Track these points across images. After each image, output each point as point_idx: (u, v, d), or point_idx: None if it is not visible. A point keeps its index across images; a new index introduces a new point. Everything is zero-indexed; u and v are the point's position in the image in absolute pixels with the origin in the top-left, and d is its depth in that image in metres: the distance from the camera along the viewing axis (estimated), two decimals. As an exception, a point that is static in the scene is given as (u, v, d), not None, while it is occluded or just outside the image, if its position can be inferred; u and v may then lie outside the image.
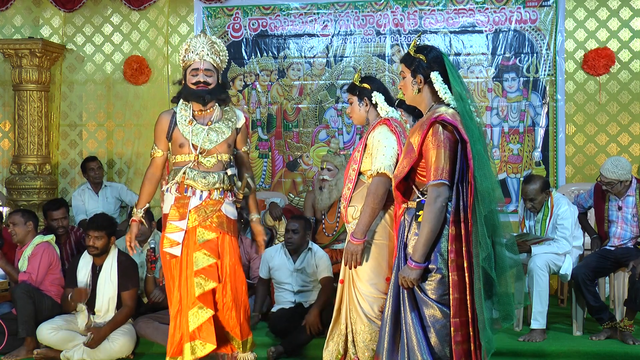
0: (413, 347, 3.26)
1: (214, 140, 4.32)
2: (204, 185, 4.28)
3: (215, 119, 4.37)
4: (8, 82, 7.65)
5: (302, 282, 5.45)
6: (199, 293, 4.16)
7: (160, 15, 7.60)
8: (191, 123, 4.33)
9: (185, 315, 4.18)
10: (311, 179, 7.38)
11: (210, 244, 4.25)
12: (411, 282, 3.28)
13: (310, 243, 5.53)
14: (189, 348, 4.17)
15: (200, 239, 4.25)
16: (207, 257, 4.22)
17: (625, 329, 5.16)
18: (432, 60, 3.40)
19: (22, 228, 5.58)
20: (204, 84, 4.30)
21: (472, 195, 3.25)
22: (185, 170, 4.29)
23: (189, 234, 4.26)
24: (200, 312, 4.17)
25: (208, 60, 4.32)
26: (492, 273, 3.21)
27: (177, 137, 4.35)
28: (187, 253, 4.25)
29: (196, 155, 4.29)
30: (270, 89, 7.49)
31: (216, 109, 4.39)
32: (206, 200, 4.29)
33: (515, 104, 7.14)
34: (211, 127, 4.33)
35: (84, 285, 5.23)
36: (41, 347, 5.23)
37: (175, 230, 4.27)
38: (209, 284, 4.19)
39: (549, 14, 7.06)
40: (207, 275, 4.20)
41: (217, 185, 4.29)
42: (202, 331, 4.18)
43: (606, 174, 5.43)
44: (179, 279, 4.24)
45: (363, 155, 3.92)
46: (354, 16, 7.35)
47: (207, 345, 4.17)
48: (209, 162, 4.31)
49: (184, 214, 4.27)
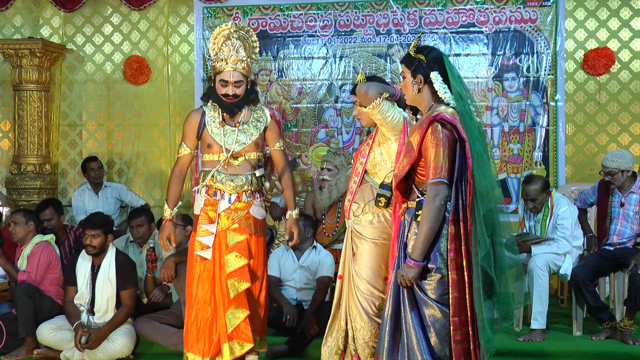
0: (413, 347, 3.27)
1: (242, 142, 4.34)
2: (232, 188, 4.30)
3: (243, 120, 4.37)
4: (8, 82, 7.64)
5: (306, 280, 5.49)
6: (234, 294, 4.20)
7: (160, 15, 7.60)
8: (222, 125, 4.33)
9: (222, 317, 4.22)
10: (310, 179, 7.38)
11: (240, 246, 4.28)
12: (409, 281, 3.28)
13: (314, 242, 5.58)
14: (227, 348, 4.21)
15: (230, 241, 4.27)
16: (239, 259, 4.25)
17: (625, 329, 5.16)
18: (431, 60, 3.41)
19: (23, 227, 5.58)
20: (232, 97, 4.29)
21: (471, 194, 3.25)
22: (213, 173, 4.31)
23: (220, 237, 4.29)
24: (237, 313, 4.21)
25: (238, 71, 4.28)
26: (491, 272, 3.21)
27: (205, 137, 4.36)
28: (218, 256, 4.27)
29: (227, 158, 4.30)
30: (270, 89, 7.49)
31: (245, 110, 4.39)
32: (235, 203, 4.31)
33: (516, 104, 7.13)
34: (240, 129, 4.34)
35: (84, 285, 5.23)
36: (41, 347, 5.23)
37: (206, 233, 4.29)
38: (243, 285, 4.23)
39: (549, 14, 7.06)
40: (240, 277, 4.23)
41: (246, 188, 4.32)
42: (239, 331, 4.22)
43: (607, 163, 5.44)
44: (212, 281, 4.27)
45: (371, 149, 3.94)
46: (353, 16, 7.35)
47: (245, 345, 4.23)
48: (237, 162, 4.34)
49: (214, 217, 4.29)
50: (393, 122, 3.79)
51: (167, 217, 4.40)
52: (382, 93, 3.75)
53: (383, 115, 3.77)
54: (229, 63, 4.27)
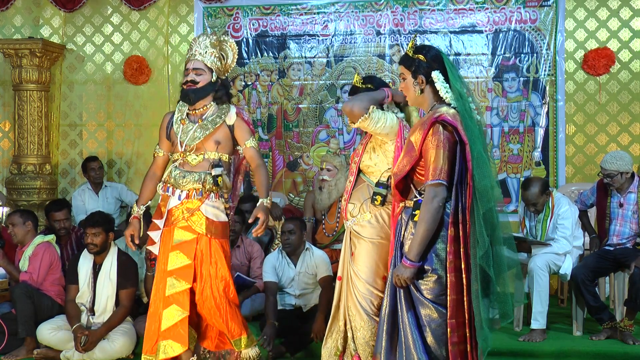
0: (409, 346, 3.27)
1: (198, 136, 4.28)
2: (182, 185, 4.27)
3: (207, 117, 4.34)
4: (8, 82, 7.65)
5: (304, 285, 5.43)
6: (170, 293, 4.16)
7: (160, 15, 7.60)
8: (184, 122, 4.33)
9: (160, 315, 4.18)
10: (311, 179, 7.38)
11: (185, 245, 4.23)
12: (405, 281, 3.28)
13: (306, 243, 5.50)
14: (162, 347, 4.18)
15: (176, 239, 4.24)
16: (182, 258, 4.21)
17: (625, 329, 5.16)
18: (431, 59, 3.41)
19: (21, 228, 5.57)
20: (191, 82, 4.29)
21: (470, 196, 3.25)
22: (170, 169, 4.31)
23: (166, 234, 4.27)
24: (174, 313, 4.17)
25: (198, 59, 4.30)
26: (489, 271, 3.21)
27: (172, 136, 4.37)
28: (163, 253, 4.26)
29: (181, 153, 4.28)
30: (271, 89, 7.49)
31: (211, 108, 4.35)
32: (184, 201, 4.27)
33: (515, 104, 7.14)
34: (199, 125, 4.31)
35: (85, 284, 5.23)
36: (41, 347, 5.23)
37: (155, 228, 4.32)
38: (182, 285, 4.19)
39: (549, 14, 7.06)
40: (180, 276, 4.19)
41: (196, 186, 4.26)
42: (173, 332, 4.17)
43: (606, 165, 5.43)
44: (159, 277, 4.25)
45: (365, 149, 3.93)
46: (354, 16, 7.36)
47: (176, 346, 4.17)
48: (194, 160, 4.29)
49: (163, 213, 4.30)
50: (386, 129, 3.75)
51: (134, 215, 4.41)
52: (368, 106, 3.68)
53: (374, 126, 3.72)
54: (194, 54, 4.33)
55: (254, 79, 7.51)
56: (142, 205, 4.44)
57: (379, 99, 3.78)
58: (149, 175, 4.48)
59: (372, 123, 3.70)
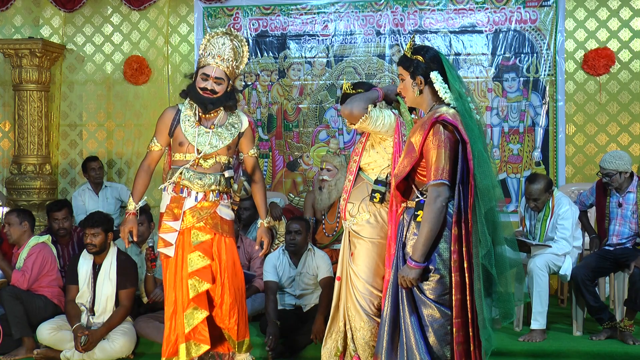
0: (411, 347, 3.27)
1: (214, 145, 4.28)
2: (199, 186, 4.26)
3: (218, 123, 4.33)
4: (8, 82, 7.65)
5: (304, 286, 5.43)
6: (193, 295, 4.18)
7: (160, 15, 7.60)
8: (197, 125, 4.29)
9: (181, 317, 4.19)
10: (311, 179, 7.38)
11: (204, 246, 4.25)
12: (410, 282, 3.28)
13: (309, 244, 5.51)
14: (184, 349, 4.18)
15: (194, 240, 4.23)
16: (202, 259, 4.22)
17: (625, 329, 5.16)
18: (430, 60, 3.41)
19: (17, 228, 5.56)
20: (210, 92, 4.23)
21: (472, 196, 3.26)
22: (182, 170, 4.27)
23: (184, 235, 4.25)
24: (195, 313, 4.19)
25: (221, 68, 4.23)
26: (492, 270, 3.21)
27: (178, 135, 4.32)
28: (181, 254, 4.24)
29: (197, 159, 4.26)
30: (271, 89, 7.49)
31: (221, 113, 4.34)
32: (201, 202, 4.27)
33: (515, 104, 7.14)
34: (214, 132, 4.29)
35: (85, 284, 5.23)
36: (41, 347, 5.23)
37: (169, 230, 4.26)
38: (203, 286, 4.20)
39: (549, 14, 7.06)
40: (201, 277, 4.20)
41: (213, 187, 4.27)
42: (196, 332, 4.20)
43: (605, 165, 5.43)
44: (174, 280, 4.24)
45: (364, 147, 3.94)
46: (354, 16, 7.36)
47: (201, 346, 4.20)
48: (207, 163, 4.29)
49: (179, 214, 4.26)
50: (386, 127, 3.80)
51: (130, 211, 4.34)
52: (366, 107, 3.73)
53: (374, 125, 3.77)
54: (215, 58, 4.23)
55: (254, 79, 7.51)
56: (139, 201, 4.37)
57: (374, 99, 3.82)
58: (144, 168, 4.38)
59: (372, 122, 3.74)
